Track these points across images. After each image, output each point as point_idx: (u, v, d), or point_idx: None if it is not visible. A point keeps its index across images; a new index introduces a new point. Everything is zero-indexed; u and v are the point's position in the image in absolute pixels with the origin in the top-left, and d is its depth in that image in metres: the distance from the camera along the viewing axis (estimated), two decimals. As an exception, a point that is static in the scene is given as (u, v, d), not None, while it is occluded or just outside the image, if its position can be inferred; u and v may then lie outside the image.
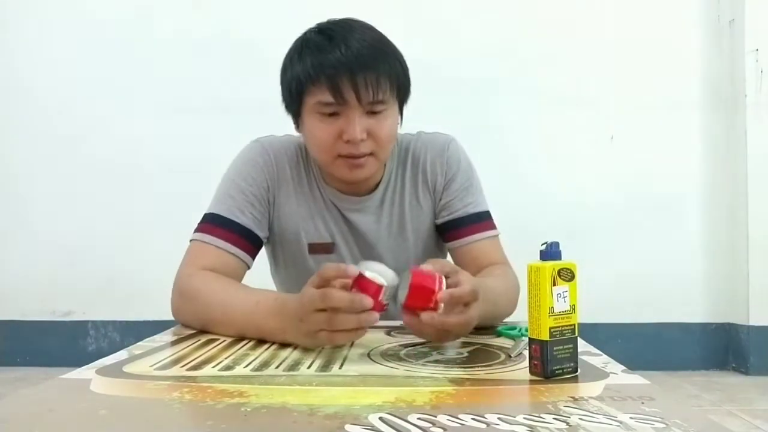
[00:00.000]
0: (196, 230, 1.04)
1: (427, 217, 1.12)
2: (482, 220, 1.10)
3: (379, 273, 0.74)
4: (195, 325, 0.96)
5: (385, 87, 0.96)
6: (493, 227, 1.12)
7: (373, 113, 0.97)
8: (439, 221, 1.12)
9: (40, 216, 2.44)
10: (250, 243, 1.05)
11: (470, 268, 1.04)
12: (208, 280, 0.96)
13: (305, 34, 1.01)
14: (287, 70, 1.01)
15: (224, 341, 0.86)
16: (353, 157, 0.98)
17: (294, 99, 1.00)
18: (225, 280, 0.97)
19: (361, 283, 0.73)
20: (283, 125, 1.11)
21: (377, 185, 1.11)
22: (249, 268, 1.05)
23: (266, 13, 2.37)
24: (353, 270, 0.74)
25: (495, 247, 1.10)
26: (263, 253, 1.15)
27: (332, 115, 0.97)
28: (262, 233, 1.07)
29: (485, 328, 0.94)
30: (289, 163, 1.10)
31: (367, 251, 1.11)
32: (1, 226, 2.46)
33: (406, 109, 1.10)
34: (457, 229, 1.10)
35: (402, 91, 1.02)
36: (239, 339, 0.87)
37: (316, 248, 1.10)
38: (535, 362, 0.64)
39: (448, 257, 1.16)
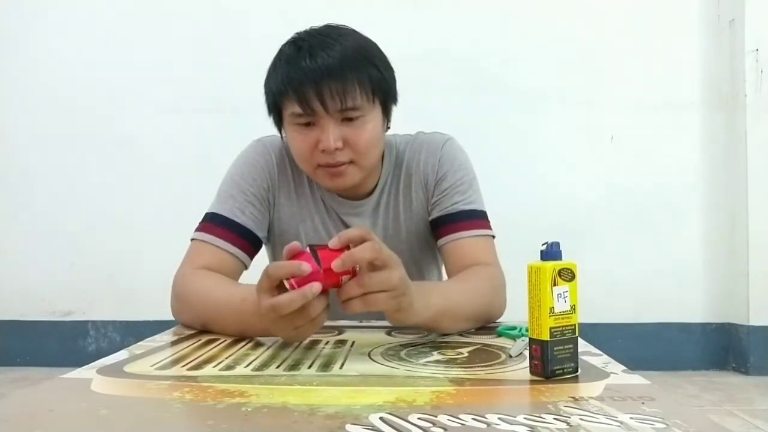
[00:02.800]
0: (197, 229, 1.05)
1: (421, 219, 1.11)
2: (473, 218, 1.06)
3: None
4: (195, 325, 0.96)
5: (354, 94, 0.94)
6: (485, 227, 1.07)
7: (348, 121, 0.96)
8: (430, 218, 1.10)
9: (40, 216, 2.44)
10: (249, 243, 1.05)
11: (454, 266, 1.03)
12: (201, 280, 0.97)
13: (282, 46, 1.01)
14: (266, 82, 1.02)
15: (225, 341, 0.86)
16: (331, 166, 0.98)
17: (273, 111, 1.02)
18: (217, 279, 0.97)
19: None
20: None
21: (374, 189, 1.10)
22: (246, 268, 1.06)
23: (267, 12, 2.37)
24: (305, 267, 0.70)
25: (483, 246, 1.05)
26: (263, 253, 1.15)
27: (308, 125, 0.97)
28: (261, 233, 1.08)
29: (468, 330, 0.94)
30: (290, 164, 1.10)
31: None
32: (2, 226, 2.46)
33: (407, 108, 1.09)
34: (445, 226, 1.06)
35: (381, 94, 0.99)
36: (239, 339, 0.87)
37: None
38: (536, 362, 0.64)
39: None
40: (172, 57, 2.42)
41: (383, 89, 1.00)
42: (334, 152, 0.96)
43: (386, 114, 1.03)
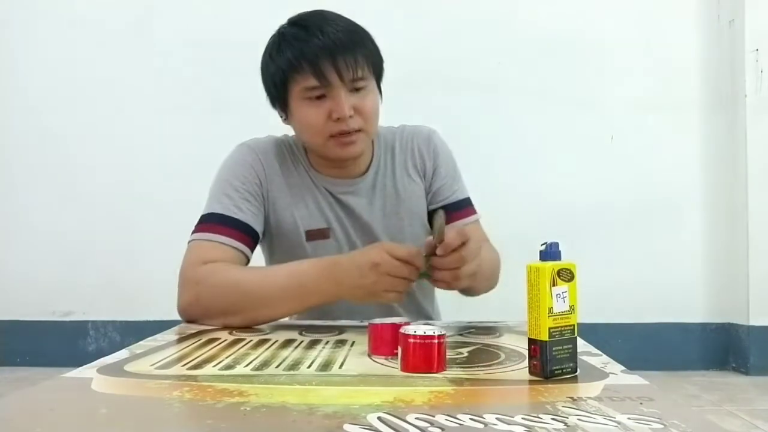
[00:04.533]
0: (195, 231, 1.05)
1: (420, 199, 1.19)
2: (466, 206, 1.21)
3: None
4: (219, 312, 0.97)
5: (362, 65, 1.03)
6: (475, 211, 1.22)
7: (356, 91, 1.03)
8: (431, 207, 1.19)
9: (40, 216, 2.44)
10: (249, 237, 1.07)
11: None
12: (233, 267, 1.02)
13: (279, 29, 1.08)
14: (268, 65, 1.07)
15: (225, 341, 0.86)
16: (344, 134, 1.04)
17: (279, 90, 1.06)
18: (247, 267, 1.05)
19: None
20: (282, 125, 1.13)
21: (367, 169, 1.16)
22: (248, 262, 1.08)
23: (266, 13, 2.37)
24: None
25: (480, 229, 1.21)
26: (258, 253, 1.16)
27: (319, 98, 1.03)
28: (259, 228, 1.10)
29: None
30: (276, 159, 1.14)
31: (363, 233, 1.14)
32: (1, 226, 2.46)
33: (406, 108, 1.11)
34: (451, 213, 1.16)
35: (377, 69, 1.08)
36: (239, 339, 0.87)
37: (313, 234, 1.13)
38: (535, 362, 0.64)
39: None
40: (172, 57, 2.41)
41: (378, 63, 1.09)
42: (347, 120, 1.02)
43: (378, 88, 1.11)
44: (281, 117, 1.12)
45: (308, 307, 1.00)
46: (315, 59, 0.99)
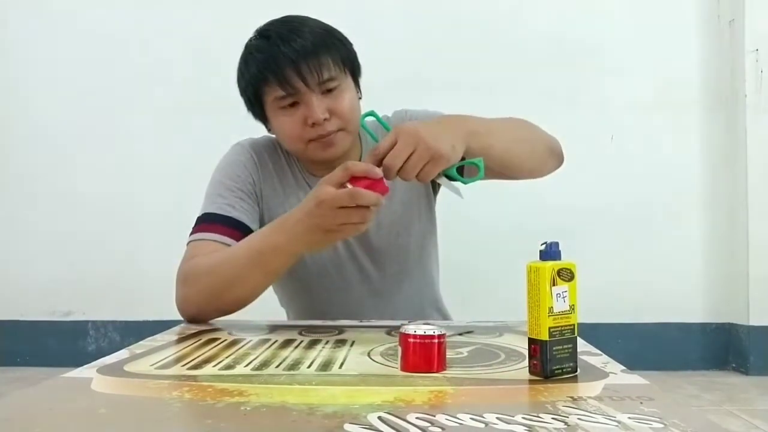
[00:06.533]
0: (192, 233, 1.06)
1: (411, 185, 1.13)
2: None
3: None
4: (204, 303, 0.98)
5: (328, 66, 1.01)
6: None
7: (328, 92, 1.03)
8: None
9: (40, 216, 2.44)
10: (243, 234, 1.07)
11: None
12: (206, 256, 1.01)
13: (248, 41, 1.08)
14: (239, 80, 1.08)
15: (225, 341, 0.86)
16: (322, 137, 1.03)
17: (254, 104, 1.07)
18: (220, 250, 1.02)
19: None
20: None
21: None
22: None
23: (266, 12, 2.37)
24: (378, 171, 0.82)
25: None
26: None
27: (292, 105, 1.03)
28: (253, 225, 1.10)
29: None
30: (270, 159, 1.14)
31: None
32: (1, 226, 2.46)
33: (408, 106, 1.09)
34: None
35: (349, 65, 1.07)
36: (239, 339, 0.87)
37: None
38: (535, 362, 0.64)
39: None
40: (172, 57, 2.42)
41: (351, 61, 1.08)
42: (323, 123, 1.02)
43: (356, 84, 1.10)
44: (265, 126, 1.12)
45: (273, 271, 0.97)
46: (277, 69, 1.00)
